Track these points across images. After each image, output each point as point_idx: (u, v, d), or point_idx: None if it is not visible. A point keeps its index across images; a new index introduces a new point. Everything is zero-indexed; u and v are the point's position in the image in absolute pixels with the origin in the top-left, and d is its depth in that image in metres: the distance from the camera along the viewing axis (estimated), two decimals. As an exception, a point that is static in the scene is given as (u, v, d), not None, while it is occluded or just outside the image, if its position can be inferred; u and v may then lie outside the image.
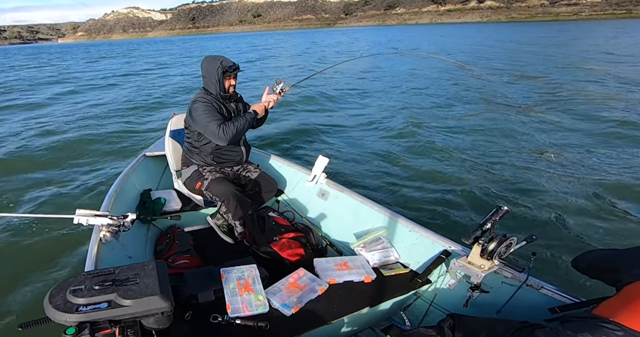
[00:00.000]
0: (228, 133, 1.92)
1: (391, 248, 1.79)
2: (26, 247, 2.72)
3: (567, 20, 79.36)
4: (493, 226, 1.38)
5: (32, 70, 19.25)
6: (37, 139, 5.80)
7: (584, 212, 3.17)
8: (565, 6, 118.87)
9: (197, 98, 2.01)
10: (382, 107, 7.87)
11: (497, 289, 1.41)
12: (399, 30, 67.47)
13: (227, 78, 1.99)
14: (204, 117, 1.93)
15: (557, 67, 11.99)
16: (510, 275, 1.38)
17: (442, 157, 4.65)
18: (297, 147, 5.28)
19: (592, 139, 5.09)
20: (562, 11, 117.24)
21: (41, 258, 2.60)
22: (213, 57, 2.02)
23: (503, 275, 1.40)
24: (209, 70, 1.98)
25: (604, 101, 7.14)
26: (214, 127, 1.91)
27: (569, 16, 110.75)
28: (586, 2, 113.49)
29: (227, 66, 1.95)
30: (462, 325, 1.18)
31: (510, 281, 1.38)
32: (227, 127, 1.92)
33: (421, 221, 2.02)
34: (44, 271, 2.46)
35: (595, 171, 4.03)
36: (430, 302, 1.56)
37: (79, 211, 1.34)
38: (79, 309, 0.98)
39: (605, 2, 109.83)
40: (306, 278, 1.57)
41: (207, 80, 2.01)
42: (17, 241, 2.80)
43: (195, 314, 1.34)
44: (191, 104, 2.02)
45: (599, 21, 59.73)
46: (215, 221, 2.19)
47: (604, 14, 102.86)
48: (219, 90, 1.99)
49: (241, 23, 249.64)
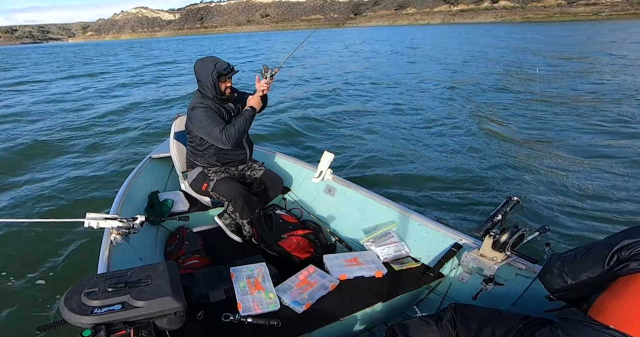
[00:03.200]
0: (231, 137, 1.91)
1: (401, 242, 1.77)
2: (39, 252, 2.76)
3: (585, 21, 75.34)
4: (504, 217, 1.35)
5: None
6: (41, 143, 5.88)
7: (599, 199, 3.12)
8: (584, 6, 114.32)
9: (194, 104, 1.98)
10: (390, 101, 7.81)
11: (512, 281, 1.38)
12: (413, 30, 64.92)
13: (222, 81, 1.95)
14: (205, 124, 1.92)
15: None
16: (525, 267, 1.35)
17: (449, 150, 4.61)
18: (302, 144, 5.27)
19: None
20: (581, 11, 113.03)
21: (54, 262, 2.64)
22: (205, 59, 1.96)
23: (517, 267, 1.38)
24: (203, 74, 1.93)
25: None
26: (217, 133, 1.90)
27: (588, 16, 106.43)
28: (606, 2, 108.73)
29: (222, 69, 1.90)
30: (462, 316, 1.14)
31: (525, 273, 1.36)
32: (229, 132, 1.90)
33: (430, 214, 2.01)
34: (57, 275, 2.50)
35: (612, 160, 3.94)
36: (444, 295, 1.55)
37: (89, 215, 1.36)
38: (94, 311, 0.98)
39: (626, 1, 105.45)
40: (316, 275, 1.57)
41: (202, 84, 1.97)
42: (29, 245, 2.85)
43: (207, 313, 1.35)
44: (189, 110, 2.00)
45: (619, 22, 56.18)
46: (223, 221, 2.19)
47: (625, 14, 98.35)
48: (215, 93, 1.96)
49: (249, 23, 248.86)
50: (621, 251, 0.89)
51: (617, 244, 0.90)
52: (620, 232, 0.95)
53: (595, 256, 0.94)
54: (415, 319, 1.22)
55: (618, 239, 0.92)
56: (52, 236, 2.93)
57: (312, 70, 13.61)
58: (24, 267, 2.58)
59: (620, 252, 0.89)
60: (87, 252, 2.69)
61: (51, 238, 2.91)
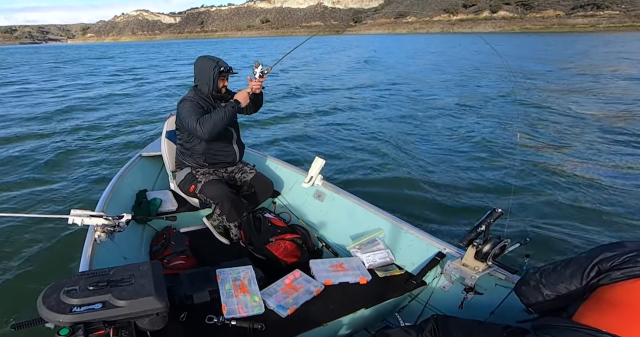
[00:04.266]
0: (206, 126, 1.85)
1: (386, 250, 1.79)
2: (20, 247, 2.69)
3: (584, 32, 76.46)
4: (487, 228, 1.39)
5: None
6: (31, 138, 5.75)
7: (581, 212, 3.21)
8: (582, 17, 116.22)
9: (184, 97, 2.00)
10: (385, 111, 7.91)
11: (491, 290, 1.42)
12: (412, 38, 65.19)
13: (221, 78, 1.99)
14: (186, 115, 1.91)
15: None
16: (504, 277, 1.39)
17: (437, 160, 4.68)
18: (293, 149, 5.29)
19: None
20: (579, 23, 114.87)
21: (35, 258, 2.58)
22: (209, 57, 2.01)
23: (497, 277, 1.41)
24: (203, 69, 1.97)
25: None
26: (194, 122, 1.87)
27: (586, 28, 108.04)
28: (603, 14, 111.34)
29: (223, 67, 1.95)
30: (444, 328, 1.15)
31: (504, 283, 1.39)
32: (205, 120, 1.86)
33: (416, 223, 2.04)
34: (37, 271, 2.44)
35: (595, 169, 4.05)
36: (425, 303, 1.57)
37: (73, 211, 1.34)
38: (72, 310, 0.97)
39: (624, 14, 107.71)
40: (302, 279, 1.57)
41: (200, 79, 2.00)
42: (10, 240, 2.77)
43: (190, 315, 1.34)
44: (178, 104, 2.00)
45: (616, 34, 57.25)
46: (211, 222, 2.18)
47: (622, 26, 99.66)
48: (211, 89, 1.98)
49: (249, 28, 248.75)
50: (601, 263, 0.94)
51: (597, 257, 0.95)
52: (599, 247, 1.00)
53: (575, 268, 0.98)
54: (397, 329, 1.23)
55: (597, 253, 0.96)
56: (34, 232, 2.86)
57: (310, 76, 13.70)
58: (1, 263, 2.51)
59: (601, 264, 0.94)
60: (70, 250, 2.63)
61: (33, 234, 2.84)
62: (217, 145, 2.08)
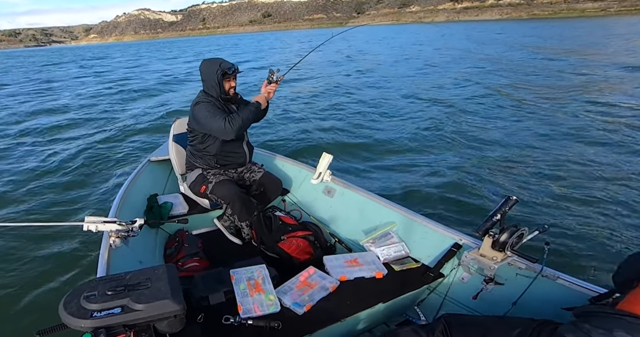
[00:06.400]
0: (235, 124, 1.87)
1: (401, 243, 1.77)
2: (38, 255, 2.75)
3: (593, 17, 73.26)
4: (503, 217, 1.35)
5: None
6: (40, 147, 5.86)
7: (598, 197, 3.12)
8: (592, 1, 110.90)
9: (198, 100, 2.00)
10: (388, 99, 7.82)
11: (512, 280, 1.38)
12: (417, 28, 63.26)
13: (226, 80, 1.98)
14: (207, 116, 1.92)
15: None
16: (525, 266, 1.35)
17: (448, 150, 4.62)
18: (300, 146, 5.28)
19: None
20: (588, 7, 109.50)
21: (53, 265, 2.63)
22: (211, 59, 2.00)
23: (517, 266, 1.38)
24: (208, 74, 1.97)
25: None
26: (220, 121, 1.87)
27: (596, 12, 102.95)
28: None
29: (226, 68, 1.93)
30: (458, 326, 1.11)
31: (525, 272, 1.35)
32: (233, 119, 1.88)
33: (429, 215, 2.00)
34: (56, 278, 2.49)
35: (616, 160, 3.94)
36: (444, 296, 1.54)
37: (87, 218, 1.35)
38: (93, 315, 0.98)
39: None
40: (316, 276, 1.56)
41: (206, 83, 2.00)
42: (28, 248, 2.84)
43: (207, 316, 1.34)
44: (193, 106, 2.01)
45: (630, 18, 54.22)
46: (223, 223, 2.19)
47: (634, 9, 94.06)
48: (219, 92, 1.98)
49: (251, 23, 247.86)
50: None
51: None
52: None
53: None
54: (407, 329, 1.21)
55: None
56: (51, 239, 2.92)
57: (318, 71, 13.60)
58: (22, 272, 2.57)
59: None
60: (87, 256, 2.69)
61: (50, 242, 2.90)
62: (229, 146, 2.09)
